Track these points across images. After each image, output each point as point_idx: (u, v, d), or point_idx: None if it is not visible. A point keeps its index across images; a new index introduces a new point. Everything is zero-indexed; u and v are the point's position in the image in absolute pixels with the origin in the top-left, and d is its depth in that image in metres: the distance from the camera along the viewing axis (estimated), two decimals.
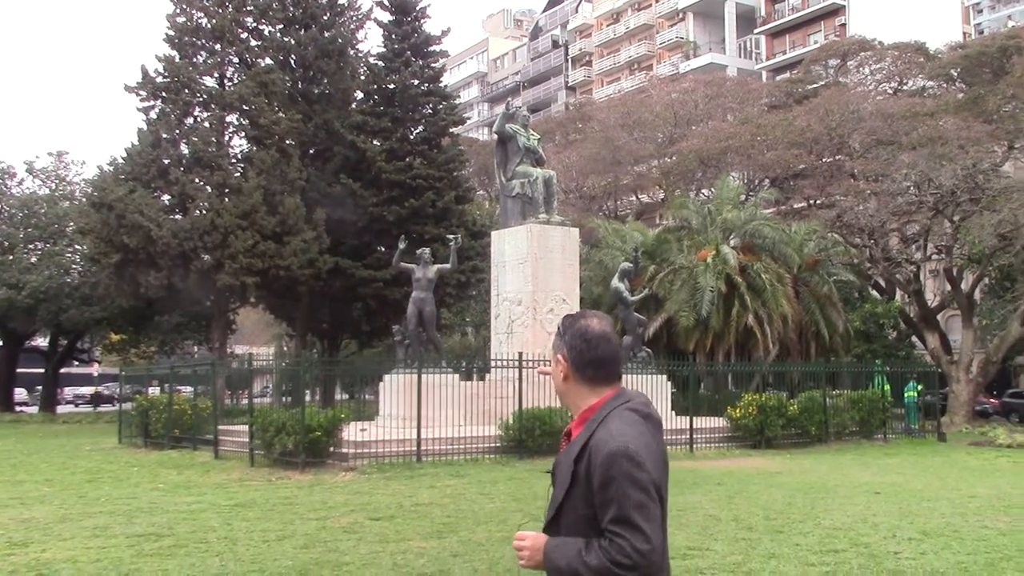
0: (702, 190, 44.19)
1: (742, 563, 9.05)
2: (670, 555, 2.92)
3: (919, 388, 29.50)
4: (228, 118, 35.09)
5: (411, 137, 37.98)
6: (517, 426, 19.69)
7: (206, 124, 34.38)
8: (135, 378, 31.73)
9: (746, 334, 30.86)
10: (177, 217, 33.19)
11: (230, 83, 34.91)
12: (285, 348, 50.16)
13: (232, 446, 20.85)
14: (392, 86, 37.77)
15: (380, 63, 38.54)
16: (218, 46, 34.55)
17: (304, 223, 33.14)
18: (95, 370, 64.26)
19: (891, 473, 18.00)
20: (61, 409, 50.41)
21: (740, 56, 68.95)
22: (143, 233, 31.31)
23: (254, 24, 36.26)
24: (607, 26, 78.78)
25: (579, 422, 2.92)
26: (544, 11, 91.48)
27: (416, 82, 37.95)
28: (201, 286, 33.22)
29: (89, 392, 60.88)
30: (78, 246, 41.73)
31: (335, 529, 11.13)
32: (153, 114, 34.38)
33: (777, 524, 11.43)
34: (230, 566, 9.07)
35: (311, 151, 37.17)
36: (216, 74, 35.07)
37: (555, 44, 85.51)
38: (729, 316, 30.86)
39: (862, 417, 25.64)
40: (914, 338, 40.08)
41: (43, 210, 43.87)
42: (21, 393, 56.83)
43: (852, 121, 37.59)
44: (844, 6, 61.41)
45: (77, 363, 60.57)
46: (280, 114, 34.60)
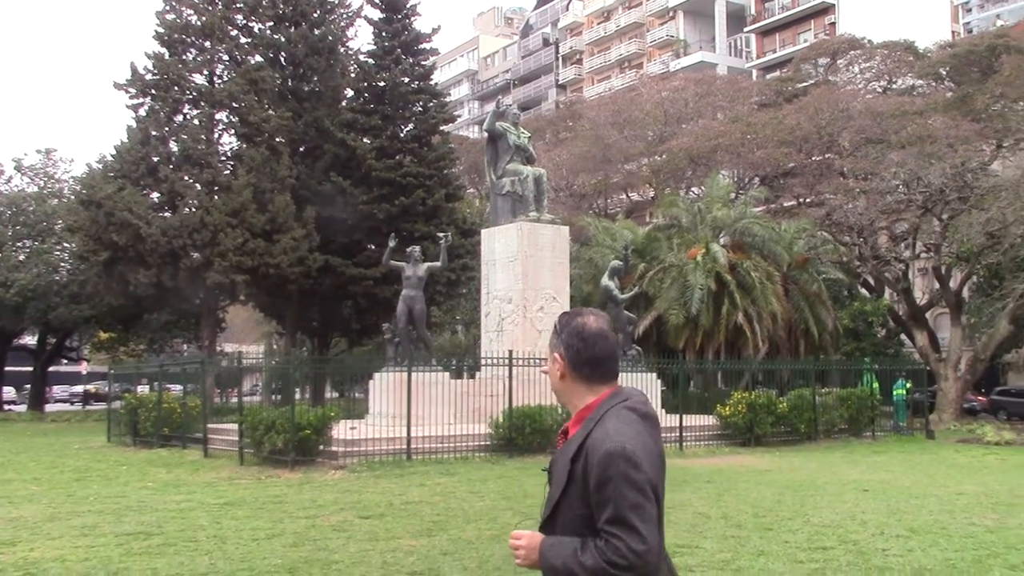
0: (692, 188, 44.30)
1: (731, 560, 9.07)
2: None
3: (908, 386, 29.62)
4: (218, 116, 35.02)
5: (401, 135, 37.93)
6: (507, 424, 19.70)
7: (196, 122, 34.27)
8: (124, 376, 31.62)
9: (736, 332, 30.95)
10: (166, 215, 33.10)
11: (220, 81, 34.81)
12: (275, 346, 50.07)
13: (221, 444, 20.82)
14: (382, 84, 37.71)
15: (370, 61, 38.47)
16: (208, 43, 34.47)
17: (294, 221, 33.09)
18: (83, 368, 64.11)
19: (880, 470, 18.07)
20: (50, 407, 50.20)
21: (730, 55, 69.07)
22: (132, 231, 31.20)
23: (244, 21, 36.19)
24: (597, 24, 78.82)
25: (576, 420, 2.91)
26: (535, 9, 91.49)
27: (406, 80, 37.89)
28: (190, 284, 33.13)
29: (84, 390, 60.68)
30: (67, 244, 41.59)
31: (324, 527, 11.11)
32: (142, 111, 34.29)
33: (766, 522, 11.47)
34: (219, 565, 9.05)
35: (301, 149, 37.13)
36: (206, 71, 34.97)
37: (546, 42, 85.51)
38: (719, 314, 30.94)
39: (851, 415, 25.73)
40: (903, 336, 40.22)
41: (31, 208, 43.69)
42: (9, 392, 56.57)
43: (841, 120, 37.68)
44: (834, 5, 61.50)
45: (66, 361, 60.41)
46: (270, 112, 34.54)
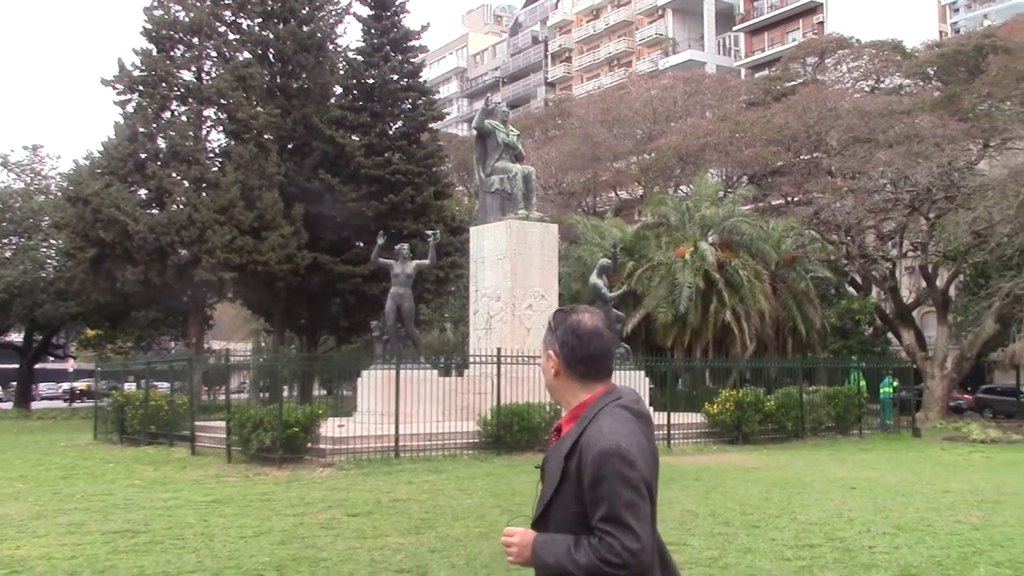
0: (680, 187, 44.35)
1: (718, 558, 9.10)
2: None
3: (894, 384, 29.74)
4: (206, 112, 34.88)
5: (390, 132, 37.87)
6: (495, 422, 19.71)
7: (183, 118, 34.09)
8: (111, 374, 31.51)
9: (724, 330, 31.02)
10: (154, 212, 32.95)
11: (208, 77, 34.67)
12: (263, 344, 49.97)
13: (209, 442, 20.77)
14: (371, 81, 37.64)
15: (359, 58, 38.40)
16: (196, 40, 34.30)
17: (282, 218, 33.00)
18: (70, 366, 63.77)
19: (866, 468, 18.14)
20: (36, 405, 49.95)
21: (719, 53, 69.22)
22: (119, 228, 31.06)
23: (232, 18, 36.07)
24: (587, 22, 78.88)
25: (570, 418, 2.91)
26: (524, 7, 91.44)
27: (395, 77, 37.83)
28: (178, 281, 33.01)
29: (71, 387, 60.24)
30: (53, 240, 41.40)
31: (312, 525, 11.10)
32: (130, 108, 34.10)
33: (753, 519, 11.51)
34: (206, 562, 9.03)
35: (289, 146, 37.02)
36: (194, 68, 34.81)
37: (535, 40, 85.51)
38: (707, 312, 31.01)
39: (838, 413, 25.81)
40: (890, 334, 40.38)
41: (18, 204, 43.47)
42: None
43: (829, 119, 37.78)
44: (822, 4, 61.68)
45: (52, 359, 60.08)
46: (258, 108, 34.44)
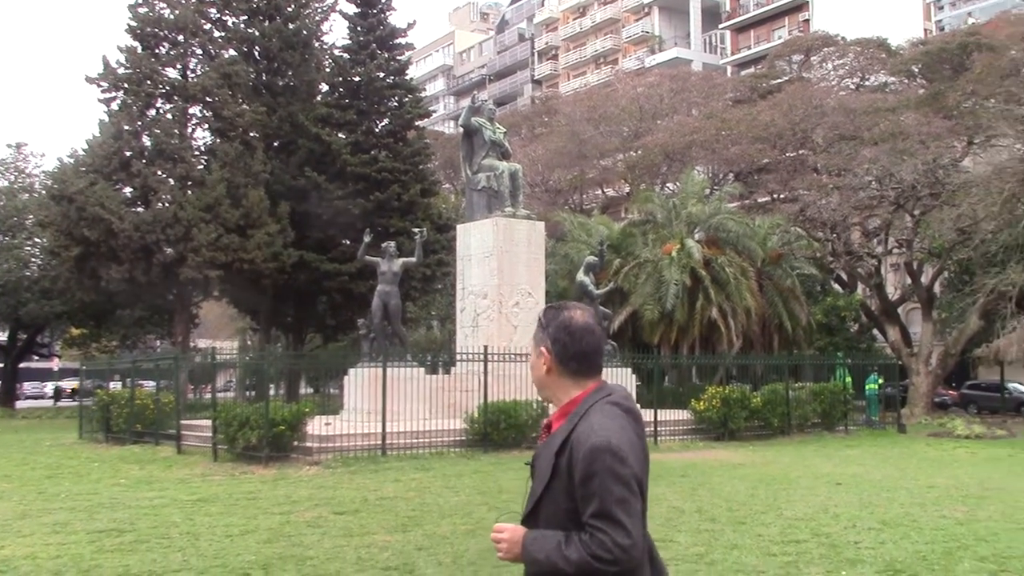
0: (667, 184, 44.43)
1: (705, 554, 9.12)
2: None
3: (879, 381, 29.86)
4: (191, 110, 34.77)
5: (376, 130, 37.81)
6: (482, 419, 19.71)
7: (169, 116, 33.98)
8: (96, 372, 31.36)
9: (710, 327, 31.09)
10: (139, 210, 32.82)
11: (193, 75, 34.53)
12: (249, 342, 49.83)
13: (195, 441, 20.69)
14: (357, 79, 37.55)
15: (345, 55, 38.31)
16: (181, 37, 34.16)
17: (268, 216, 32.91)
18: (55, 365, 63.44)
19: (852, 464, 18.21)
20: (21, 404, 49.67)
21: (705, 51, 69.35)
22: (104, 226, 30.92)
23: (217, 15, 35.94)
24: (573, 20, 78.93)
25: (560, 415, 2.91)
26: (510, 4, 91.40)
27: (381, 75, 37.77)
28: (163, 280, 32.91)
29: (56, 386, 59.85)
30: (38, 239, 41.19)
31: (299, 523, 11.08)
32: (115, 105, 33.94)
33: (740, 515, 11.54)
34: (192, 561, 9.00)
35: (275, 144, 36.93)
36: (179, 65, 34.67)
37: (521, 38, 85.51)
38: (693, 309, 31.07)
39: (824, 409, 25.90)
40: (875, 331, 40.55)
41: (1, 202, 43.28)
42: None
43: (815, 116, 37.89)
44: (807, 2, 61.82)
45: (37, 358, 59.77)
46: (244, 106, 34.34)
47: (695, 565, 8.65)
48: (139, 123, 33.57)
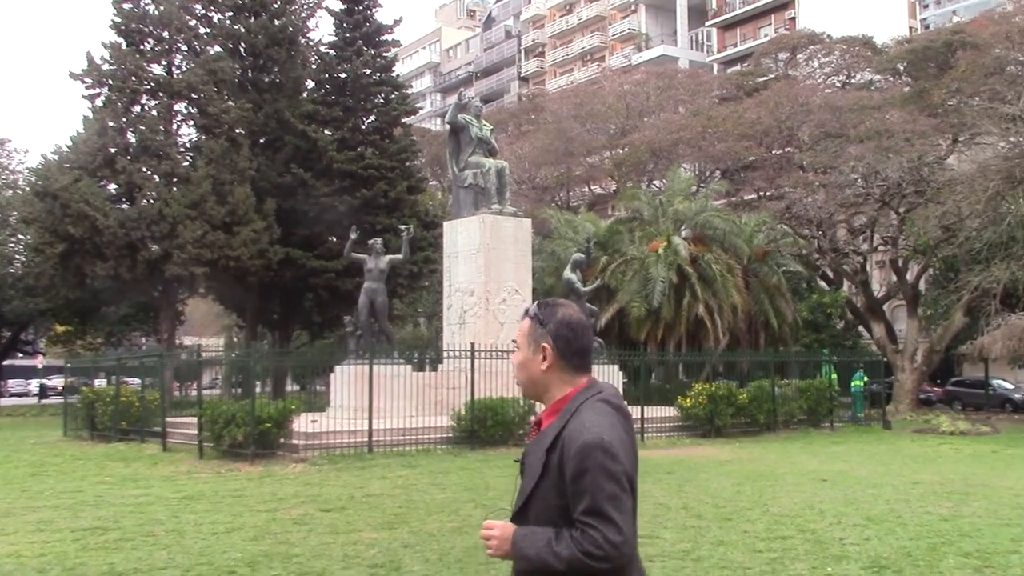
0: (654, 181, 44.51)
1: (691, 550, 9.14)
2: None
3: (865, 377, 29.98)
4: (176, 106, 34.55)
5: (363, 127, 37.68)
6: (469, 416, 19.71)
7: (154, 112, 33.79)
8: (81, 370, 31.20)
9: (697, 324, 31.17)
10: (124, 206, 32.64)
11: (178, 71, 34.35)
12: (235, 339, 49.63)
13: (180, 438, 20.61)
14: (344, 75, 37.43)
15: (331, 52, 38.16)
16: (166, 33, 33.96)
17: (254, 213, 32.78)
18: (39, 362, 63.02)
19: (837, 461, 18.28)
20: (5, 402, 49.39)
21: (692, 48, 69.41)
22: (89, 223, 30.75)
23: (203, 11, 35.74)
24: (560, 17, 78.93)
25: (551, 412, 2.89)
26: (497, 2, 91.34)
27: (368, 71, 37.64)
28: (149, 277, 32.73)
29: (40, 384, 59.43)
30: (21, 236, 40.95)
31: (285, 521, 11.05)
32: (99, 102, 33.71)
33: (726, 512, 11.57)
34: (178, 559, 8.96)
35: (261, 140, 36.77)
36: (164, 62, 34.47)
37: (508, 35, 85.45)
38: (680, 306, 31.14)
39: (810, 406, 26.00)
40: (861, 328, 40.73)
41: None
42: None
43: (801, 114, 38.02)
44: (793, 0, 62.03)
45: (21, 355, 59.42)
46: (229, 103, 34.17)
47: (681, 562, 8.66)
48: (124, 119, 33.38)
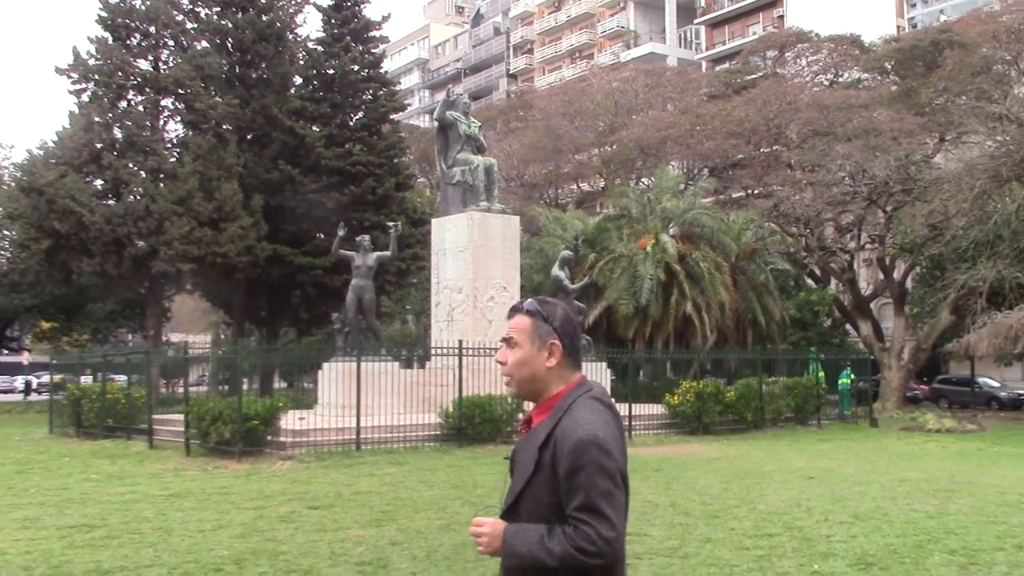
0: (642, 179, 44.54)
1: (678, 548, 9.14)
2: None
3: (852, 375, 30.08)
4: (163, 102, 34.37)
5: (351, 123, 37.60)
6: (457, 414, 19.70)
7: (140, 108, 33.62)
8: (67, 366, 31.05)
9: (684, 322, 31.21)
10: (110, 202, 32.49)
11: (165, 66, 34.19)
12: (222, 336, 49.49)
13: (167, 435, 20.52)
14: (331, 72, 37.34)
15: (319, 48, 38.04)
16: (152, 28, 33.78)
17: (241, 209, 32.65)
18: (25, 359, 62.73)
19: (824, 458, 18.33)
20: None
21: (680, 46, 69.49)
22: (75, 219, 30.59)
23: (190, 6, 35.61)
24: (549, 14, 78.91)
25: (543, 409, 2.89)
26: None
27: (356, 68, 37.53)
28: (135, 273, 32.60)
29: (26, 381, 59.11)
30: (7, 232, 40.67)
31: (272, 518, 11.01)
32: (85, 97, 33.54)
33: (713, 509, 11.58)
34: (164, 557, 8.92)
35: (249, 136, 36.61)
36: (151, 57, 34.30)
37: (497, 31, 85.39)
38: (668, 304, 31.18)
39: (797, 403, 26.08)
40: (848, 326, 40.88)
41: None
42: None
43: (789, 112, 38.10)
44: None
45: (6, 352, 59.09)
46: (217, 98, 34.04)
47: (669, 559, 8.67)
48: (110, 115, 33.19)
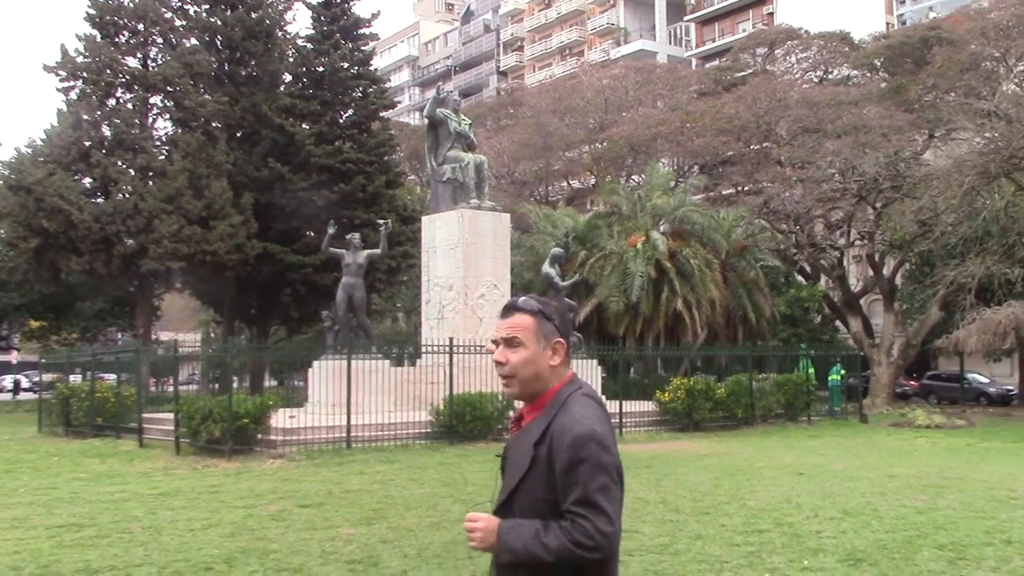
0: (632, 176, 44.56)
1: (669, 544, 9.15)
2: None
3: (842, 371, 30.17)
4: (152, 100, 34.28)
5: (341, 121, 37.53)
6: (448, 411, 19.69)
7: (129, 106, 33.50)
8: (56, 365, 30.95)
9: (675, 319, 31.22)
10: (99, 201, 32.39)
11: (154, 64, 34.07)
12: (212, 334, 49.38)
13: (157, 434, 20.47)
14: (321, 69, 37.24)
15: (309, 45, 37.94)
16: (141, 26, 33.66)
17: (231, 207, 32.57)
18: (14, 358, 62.47)
19: (814, 454, 18.39)
20: None
21: (670, 43, 69.55)
22: (63, 217, 30.48)
23: (178, 3, 35.53)
24: (539, 11, 78.89)
25: (536, 406, 2.89)
26: None
27: (346, 65, 37.44)
28: (124, 271, 32.50)
29: (15, 380, 58.85)
30: None
31: (263, 517, 10.99)
32: (73, 95, 33.42)
33: (704, 506, 11.60)
34: (154, 556, 8.89)
35: (238, 134, 36.52)
36: (139, 54, 34.18)
37: (487, 29, 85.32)
38: (658, 301, 31.18)
39: (787, 400, 26.15)
40: (838, 322, 40.99)
41: None
42: None
43: (779, 109, 38.20)
44: None
45: None
46: (206, 96, 33.95)
47: (659, 556, 8.68)
48: (99, 113, 33.08)
